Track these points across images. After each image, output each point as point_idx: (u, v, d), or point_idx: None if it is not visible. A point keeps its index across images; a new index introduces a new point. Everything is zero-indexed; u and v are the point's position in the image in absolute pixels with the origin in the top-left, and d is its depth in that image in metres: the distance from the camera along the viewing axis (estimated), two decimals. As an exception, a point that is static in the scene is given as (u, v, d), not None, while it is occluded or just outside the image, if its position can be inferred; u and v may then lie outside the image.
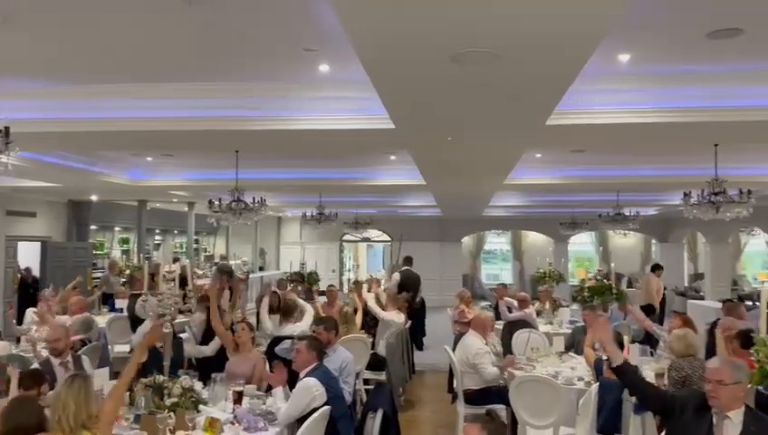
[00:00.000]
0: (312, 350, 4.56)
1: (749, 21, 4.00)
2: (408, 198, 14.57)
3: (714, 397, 3.12)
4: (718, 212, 7.37)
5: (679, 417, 3.32)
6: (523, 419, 5.24)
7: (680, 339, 5.26)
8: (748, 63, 4.76)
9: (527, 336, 7.76)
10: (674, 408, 3.37)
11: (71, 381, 3.22)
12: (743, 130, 5.88)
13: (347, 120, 5.76)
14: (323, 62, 4.98)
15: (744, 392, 3.09)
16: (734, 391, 3.06)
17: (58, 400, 3.14)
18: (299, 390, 4.27)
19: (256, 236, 18.73)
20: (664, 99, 5.22)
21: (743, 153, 8.38)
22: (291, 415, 4.21)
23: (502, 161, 8.05)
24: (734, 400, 3.08)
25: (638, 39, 4.40)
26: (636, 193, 12.52)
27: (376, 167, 10.42)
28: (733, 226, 13.65)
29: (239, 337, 5.45)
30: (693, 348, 5.21)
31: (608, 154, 8.85)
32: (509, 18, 3.21)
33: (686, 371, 5.05)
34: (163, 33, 4.41)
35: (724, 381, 3.08)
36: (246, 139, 6.62)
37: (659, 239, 20.17)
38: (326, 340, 5.20)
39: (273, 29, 4.31)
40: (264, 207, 8.17)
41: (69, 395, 3.11)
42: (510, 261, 22.85)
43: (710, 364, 3.25)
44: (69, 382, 3.21)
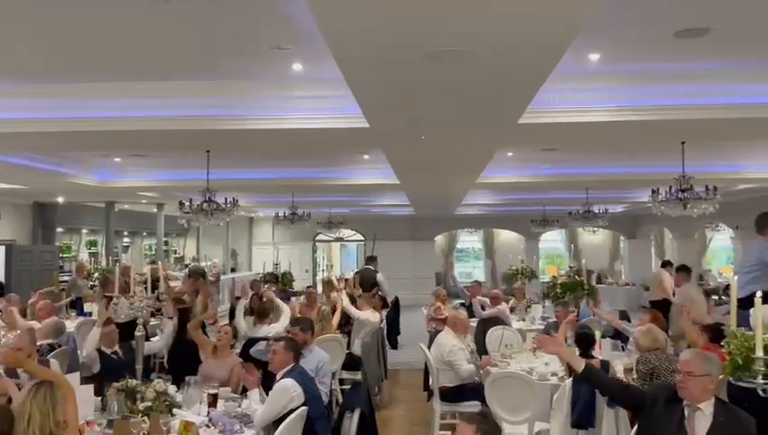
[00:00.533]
0: (289, 351, 4.53)
1: (716, 20, 4.09)
2: (382, 198, 14.58)
3: (683, 388, 3.18)
4: (686, 209, 7.54)
5: (650, 411, 3.37)
6: (498, 415, 5.27)
7: (645, 335, 5.36)
8: (715, 62, 4.87)
9: (501, 333, 7.84)
10: (644, 403, 3.43)
11: (35, 389, 3.11)
12: (709, 128, 6.02)
13: (320, 119, 5.72)
14: (296, 61, 4.95)
15: (713, 385, 3.15)
16: (704, 382, 3.12)
17: (23, 409, 3.04)
18: (276, 391, 4.23)
19: (228, 236, 18.53)
20: (633, 97, 5.31)
21: (709, 151, 8.58)
22: (267, 417, 4.17)
23: (474, 160, 8.11)
24: (704, 391, 3.14)
25: (607, 38, 4.47)
26: (605, 191, 12.73)
27: (349, 166, 10.40)
28: (699, 222, 13.99)
29: (220, 340, 5.39)
30: (658, 342, 5.31)
31: (578, 152, 8.98)
32: (482, 17, 3.23)
33: (653, 363, 5.15)
34: (132, 31, 4.33)
35: (693, 372, 3.15)
36: (218, 138, 6.55)
37: (627, 236, 20.55)
38: (302, 341, 5.17)
39: (245, 27, 4.26)
40: (236, 207, 8.09)
41: (34, 404, 3.02)
42: (482, 259, 23.03)
43: (682, 356, 3.33)
44: (34, 391, 3.10)
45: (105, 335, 5.32)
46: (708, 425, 3.13)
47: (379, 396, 7.96)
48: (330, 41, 3.60)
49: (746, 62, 4.90)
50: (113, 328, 5.36)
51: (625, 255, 21.17)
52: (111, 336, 5.35)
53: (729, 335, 2.52)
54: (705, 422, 3.15)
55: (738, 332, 2.49)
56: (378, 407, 7.66)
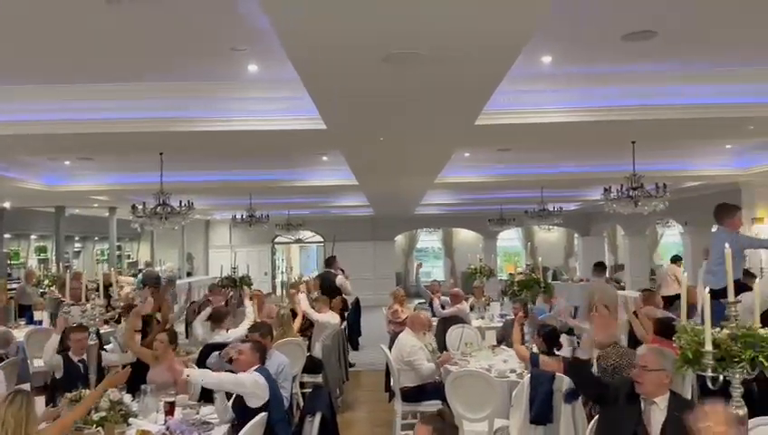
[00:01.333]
0: (255, 352, 4.52)
1: (661, 24, 4.22)
2: (341, 199, 14.54)
3: (639, 382, 3.26)
4: (637, 206, 7.76)
5: (613, 405, 3.47)
6: (459, 413, 5.32)
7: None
8: (661, 64, 5.02)
9: (461, 331, 7.92)
10: (608, 395, 3.52)
11: (12, 396, 3.14)
12: (658, 128, 6.21)
13: (277, 120, 5.67)
14: (252, 62, 4.89)
15: (668, 380, 3.23)
16: (659, 377, 3.21)
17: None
18: (248, 375, 4.27)
19: (183, 240, 18.17)
20: (584, 99, 5.44)
21: (659, 150, 8.85)
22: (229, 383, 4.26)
23: (432, 160, 8.17)
24: (659, 386, 3.22)
25: (558, 42, 4.56)
26: (559, 189, 13.00)
27: (308, 167, 10.34)
28: (649, 218, 14.41)
29: (157, 349, 5.28)
30: (614, 336, 5.39)
31: (532, 152, 9.14)
32: (437, 20, 3.25)
33: (613, 359, 5.27)
34: (83, 31, 4.23)
35: (647, 366, 3.23)
36: (171, 140, 6.42)
37: (581, 233, 21.02)
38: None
39: (199, 28, 4.19)
40: (191, 210, 7.94)
41: (9, 411, 3.03)
42: (441, 258, 23.22)
43: (638, 350, 3.42)
44: (11, 398, 3.13)
45: (76, 342, 5.17)
46: (663, 419, 3.21)
47: (340, 398, 7.93)
48: (285, 44, 3.58)
49: (691, 65, 5.07)
50: (85, 335, 5.20)
51: (579, 251, 21.64)
52: (82, 343, 5.19)
53: (680, 330, 2.60)
54: (661, 416, 3.23)
55: (688, 326, 2.57)
56: (339, 409, 7.64)
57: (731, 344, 2.39)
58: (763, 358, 2.35)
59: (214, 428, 4.27)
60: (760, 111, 5.49)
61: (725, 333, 2.43)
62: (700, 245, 13.71)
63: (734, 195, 11.51)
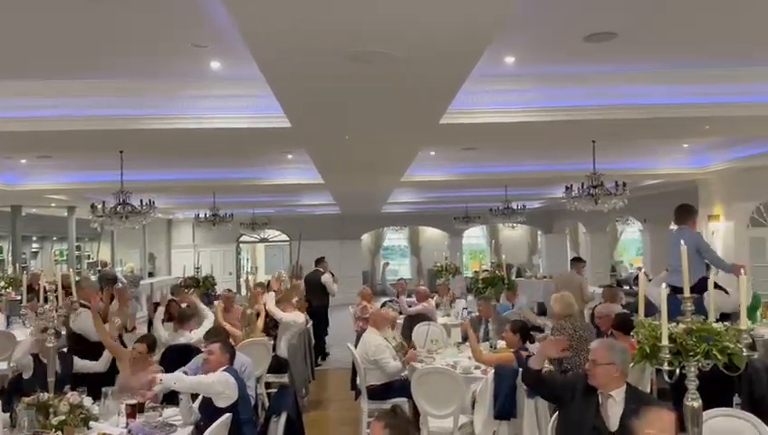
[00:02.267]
0: (225, 353, 4.48)
1: (623, 25, 4.31)
2: (307, 197, 14.46)
3: (591, 375, 3.37)
4: (597, 204, 7.92)
5: (571, 402, 3.54)
6: (424, 409, 5.36)
7: (558, 300, 5.80)
8: (622, 65, 5.13)
9: (427, 329, 7.97)
10: (565, 395, 3.58)
11: None
12: (618, 128, 6.35)
13: (241, 118, 5.60)
14: (215, 59, 4.83)
15: (618, 373, 3.31)
16: (608, 370, 3.29)
17: None
18: (218, 375, 4.24)
19: (145, 240, 17.82)
20: (547, 99, 5.52)
21: (619, 149, 9.05)
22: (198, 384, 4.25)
23: (398, 159, 8.19)
24: (610, 379, 3.31)
25: (521, 42, 4.62)
26: (523, 187, 13.18)
27: (273, 166, 10.26)
28: (610, 216, 14.73)
29: (133, 356, 5.17)
30: (572, 308, 5.72)
31: (497, 151, 9.25)
32: (400, 19, 3.25)
33: (568, 331, 5.51)
34: (42, 27, 4.12)
35: (597, 360, 3.33)
36: (132, 139, 6.28)
37: (544, 231, 21.36)
38: None
39: (160, 24, 4.12)
40: (152, 209, 7.80)
41: None
42: (408, 256, 23.31)
43: (591, 345, 3.51)
44: None
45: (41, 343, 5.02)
46: (621, 411, 3.29)
47: (306, 397, 7.90)
48: (249, 42, 3.54)
49: (650, 66, 5.19)
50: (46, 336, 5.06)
51: (542, 249, 21.99)
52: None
53: (638, 325, 2.67)
54: (618, 408, 3.31)
55: (646, 322, 2.64)
56: (305, 408, 7.61)
57: (686, 339, 2.46)
58: (716, 351, 2.43)
59: (177, 429, 4.22)
60: (715, 110, 5.65)
61: (681, 327, 2.51)
62: (659, 241, 14.09)
63: (692, 193, 11.85)
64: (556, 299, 5.98)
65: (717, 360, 2.43)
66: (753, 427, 3.62)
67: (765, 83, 5.32)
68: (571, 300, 5.88)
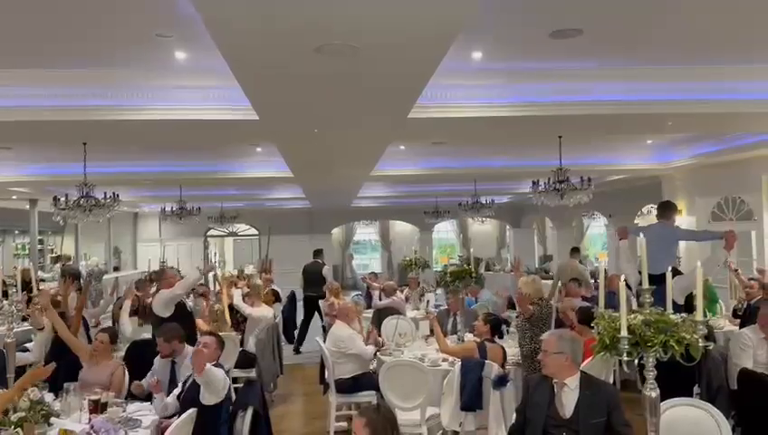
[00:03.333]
0: (219, 349, 4.50)
1: (588, 22, 4.37)
2: (276, 191, 14.36)
3: (543, 365, 3.49)
4: (562, 199, 8.04)
5: (527, 393, 3.65)
6: (392, 402, 5.37)
7: (528, 284, 5.95)
8: (588, 62, 5.20)
9: (395, 322, 8.00)
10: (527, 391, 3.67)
11: None
12: (583, 123, 6.44)
13: (207, 110, 5.52)
14: (179, 49, 4.75)
15: (569, 362, 3.42)
16: (559, 359, 3.41)
17: None
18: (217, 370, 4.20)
19: (110, 233, 17.49)
20: (513, 94, 5.57)
21: (584, 144, 9.19)
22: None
23: (367, 153, 8.19)
24: (561, 368, 3.41)
25: (488, 37, 4.66)
26: (492, 182, 13.31)
27: (241, 159, 10.16)
28: (576, 211, 14.96)
29: (96, 349, 5.09)
30: (540, 292, 5.93)
31: (466, 146, 9.31)
32: (367, 13, 3.25)
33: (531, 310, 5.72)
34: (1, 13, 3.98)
35: (548, 350, 3.46)
36: (95, 130, 6.14)
37: (512, 225, 21.60)
38: (170, 350, 4.92)
39: (123, 12, 4.03)
40: (117, 203, 7.66)
41: None
42: (379, 250, 23.34)
43: (543, 336, 3.62)
44: None
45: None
46: (576, 398, 3.40)
47: (274, 392, 7.87)
48: (214, 34, 3.49)
49: (616, 63, 5.28)
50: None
51: (510, 243, 22.24)
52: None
53: (598, 317, 2.73)
54: (573, 396, 3.41)
55: (606, 313, 2.70)
56: (274, 403, 7.59)
57: (644, 330, 2.52)
58: (674, 342, 2.49)
59: (141, 424, 4.17)
60: (677, 108, 5.78)
61: (640, 319, 2.57)
62: (624, 236, 14.36)
63: (656, 188, 12.12)
64: (526, 283, 6.11)
65: (675, 350, 2.49)
66: (710, 416, 3.74)
67: (725, 81, 5.45)
68: (540, 286, 6.10)
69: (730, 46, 4.89)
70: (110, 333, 5.26)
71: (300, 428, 6.94)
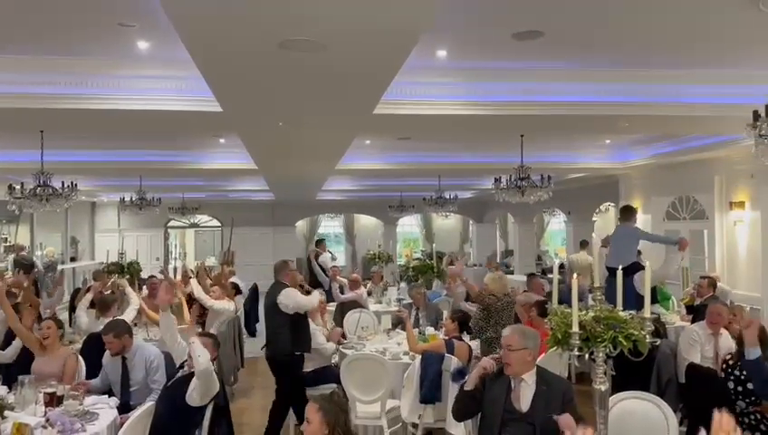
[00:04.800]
0: (215, 349, 4.56)
1: (548, 25, 4.47)
2: (240, 183, 14.23)
3: (506, 362, 3.50)
4: (523, 196, 8.20)
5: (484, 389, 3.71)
6: (353, 395, 5.45)
7: (495, 281, 6.41)
8: (549, 63, 5.32)
9: (358, 316, 8.06)
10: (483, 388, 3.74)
11: None
12: (543, 123, 6.58)
13: (169, 100, 5.44)
14: (142, 39, 4.68)
15: (531, 357, 3.49)
16: (523, 355, 3.46)
17: None
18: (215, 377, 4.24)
19: (67, 223, 17.06)
20: (477, 93, 5.65)
21: (546, 143, 9.37)
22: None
23: (333, 147, 8.19)
24: (523, 363, 3.46)
25: (452, 37, 4.72)
26: (455, 178, 13.44)
27: (204, 150, 10.03)
28: (537, 207, 15.23)
29: (45, 336, 5.00)
30: (505, 288, 6.40)
31: (431, 142, 9.39)
32: (331, 10, 3.26)
33: (487, 301, 6.16)
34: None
35: (512, 346, 3.48)
36: (53, 118, 6.00)
37: (475, 220, 21.86)
38: (121, 346, 4.85)
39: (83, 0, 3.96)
40: (74, 192, 7.50)
41: None
42: (343, 244, 23.34)
43: (503, 332, 3.68)
44: None
45: None
46: (532, 393, 3.47)
47: (235, 385, 7.85)
48: (177, 26, 3.46)
49: (575, 64, 5.41)
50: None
51: (473, 238, 22.51)
52: None
53: (551, 313, 2.82)
54: (530, 391, 3.48)
55: (559, 309, 2.80)
56: (234, 396, 7.56)
57: (595, 326, 2.63)
58: (622, 338, 2.60)
59: (98, 417, 4.14)
60: (632, 109, 5.96)
61: (590, 315, 2.67)
62: (582, 233, 14.71)
63: (613, 187, 12.45)
64: (493, 279, 6.44)
65: (623, 346, 2.60)
66: (657, 408, 3.91)
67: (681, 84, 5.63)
68: (506, 282, 6.56)
69: (685, 51, 5.06)
70: (55, 319, 5.18)
71: (260, 420, 6.91)
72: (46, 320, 5.20)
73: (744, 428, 4.43)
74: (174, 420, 4.21)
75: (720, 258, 9.44)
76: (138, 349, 4.97)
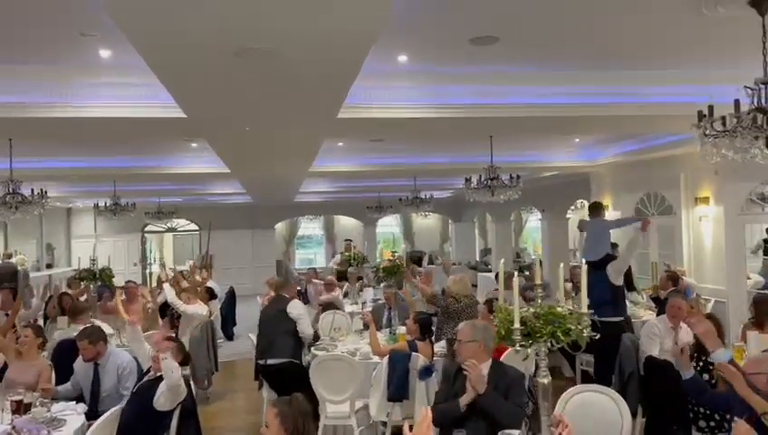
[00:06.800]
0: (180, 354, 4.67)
1: (504, 31, 4.58)
2: (216, 186, 14.21)
3: (459, 353, 3.69)
4: (493, 195, 8.34)
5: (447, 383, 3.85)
6: (322, 396, 5.53)
7: (457, 283, 6.65)
8: (505, 66, 5.44)
9: (332, 318, 8.14)
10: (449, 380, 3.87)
11: None
12: (505, 125, 6.72)
13: (133, 107, 5.47)
14: (103, 47, 4.72)
15: (482, 349, 3.63)
16: (473, 347, 3.62)
17: None
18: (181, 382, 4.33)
19: (42, 229, 16.93)
20: (438, 96, 5.77)
21: (517, 142, 9.52)
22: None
23: (303, 150, 8.25)
24: (474, 354, 3.60)
25: (412, 42, 4.82)
26: (431, 178, 13.55)
27: (176, 154, 10.03)
28: (513, 206, 15.41)
29: (23, 343, 5.02)
30: (467, 289, 6.68)
31: (403, 143, 9.48)
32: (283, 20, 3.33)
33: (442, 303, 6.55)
34: None
35: (462, 339, 3.68)
36: (21, 126, 6.01)
37: (454, 219, 22.04)
38: (95, 353, 4.89)
39: (47, 12, 4.01)
40: (45, 199, 7.49)
41: None
42: (323, 245, 23.38)
43: (459, 326, 3.83)
44: None
45: None
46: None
47: (210, 389, 7.89)
48: (130, 38, 3.52)
49: (530, 68, 5.55)
50: None
51: (452, 237, 22.68)
52: None
53: (496, 310, 2.94)
54: None
55: (503, 307, 2.91)
56: (208, 400, 7.62)
57: (535, 322, 2.74)
58: (560, 332, 2.72)
59: (65, 424, 4.19)
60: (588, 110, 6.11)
61: (531, 311, 2.78)
62: (556, 229, 14.92)
63: (585, 184, 12.65)
64: (455, 282, 6.66)
65: (561, 340, 2.72)
66: (612, 401, 4.05)
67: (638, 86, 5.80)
68: (467, 283, 6.77)
69: (638, 53, 5.21)
70: (34, 328, 5.20)
71: (234, 423, 7.00)
72: (25, 329, 5.21)
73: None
74: (141, 424, 4.27)
75: (687, 253, 9.66)
76: (110, 355, 4.99)
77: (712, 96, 4.21)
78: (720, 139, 3.85)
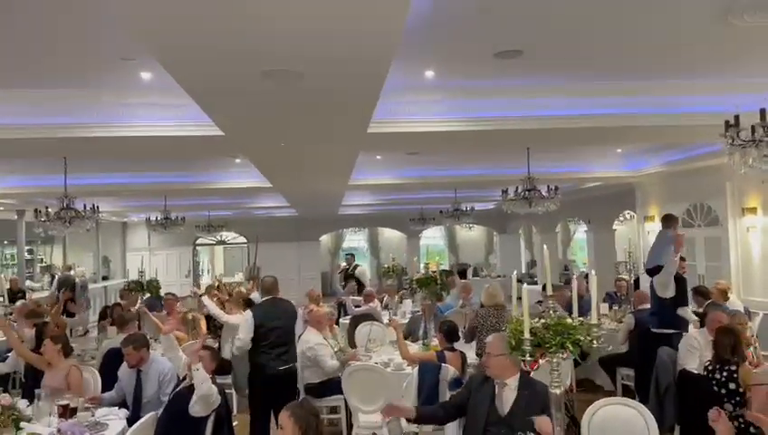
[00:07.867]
0: (213, 361, 4.80)
1: (526, 44, 4.63)
2: (261, 200, 14.56)
3: (486, 366, 3.71)
4: (531, 207, 8.29)
5: (469, 395, 3.87)
6: (354, 406, 5.62)
7: (484, 291, 6.88)
8: (529, 79, 5.47)
9: (368, 329, 8.23)
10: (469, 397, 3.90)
11: None
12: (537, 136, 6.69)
13: (175, 126, 5.76)
14: (144, 70, 5.00)
15: (511, 362, 3.62)
16: (501, 360, 3.63)
17: None
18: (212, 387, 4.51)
19: (98, 243, 17.69)
20: (465, 109, 5.84)
21: (557, 153, 9.44)
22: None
23: (338, 164, 8.40)
24: (503, 368, 3.63)
25: (438, 57, 4.92)
26: (471, 190, 13.52)
27: (222, 169, 10.38)
28: (558, 216, 15.21)
29: (45, 353, 5.28)
30: (495, 299, 6.71)
31: (441, 155, 9.53)
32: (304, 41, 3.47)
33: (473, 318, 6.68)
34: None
35: (492, 352, 3.68)
36: (72, 146, 6.41)
37: (499, 231, 21.83)
38: (139, 359, 5.10)
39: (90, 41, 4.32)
40: (96, 214, 7.89)
41: None
42: (368, 257, 23.56)
43: (487, 339, 3.84)
44: None
45: None
46: (515, 397, 3.65)
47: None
48: (163, 61, 3.73)
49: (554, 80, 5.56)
50: None
51: (498, 249, 22.47)
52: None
53: (508, 321, 2.97)
54: (512, 394, 3.66)
55: (514, 318, 2.95)
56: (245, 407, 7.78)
57: (544, 332, 2.77)
58: (570, 343, 2.74)
59: (107, 428, 4.40)
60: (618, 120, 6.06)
61: (541, 322, 2.82)
62: (601, 241, 14.62)
63: (630, 195, 12.38)
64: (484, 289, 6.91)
65: (570, 351, 2.74)
66: (640, 415, 4.00)
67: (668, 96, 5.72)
68: (497, 293, 6.80)
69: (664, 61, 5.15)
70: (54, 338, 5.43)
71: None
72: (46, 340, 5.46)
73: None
74: (176, 429, 4.45)
75: (735, 265, 9.34)
76: (153, 362, 5.21)
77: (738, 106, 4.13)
78: (747, 148, 3.80)
